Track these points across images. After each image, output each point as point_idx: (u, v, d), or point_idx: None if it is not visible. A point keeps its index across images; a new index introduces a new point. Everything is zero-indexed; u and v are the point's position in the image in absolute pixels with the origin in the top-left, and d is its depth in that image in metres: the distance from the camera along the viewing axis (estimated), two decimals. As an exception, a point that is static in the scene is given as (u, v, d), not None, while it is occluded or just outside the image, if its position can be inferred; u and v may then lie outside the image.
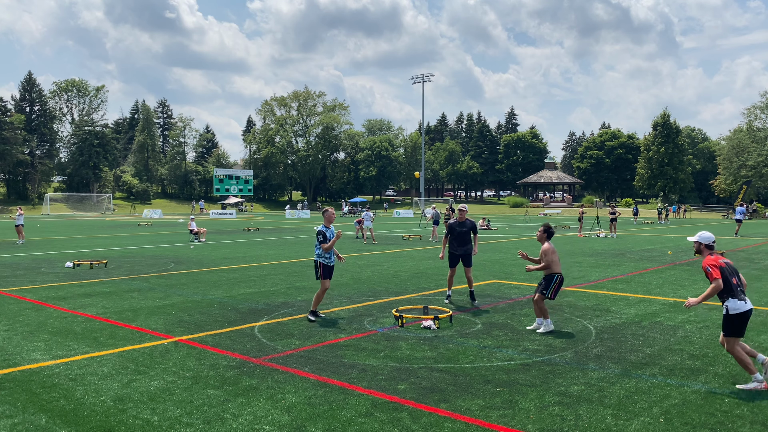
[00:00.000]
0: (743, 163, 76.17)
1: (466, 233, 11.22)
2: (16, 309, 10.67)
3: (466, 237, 11.23)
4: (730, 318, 6.32)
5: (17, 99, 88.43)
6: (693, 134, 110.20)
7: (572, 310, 10.50)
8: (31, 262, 18.39)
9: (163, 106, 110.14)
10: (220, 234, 32.75)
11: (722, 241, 27.07)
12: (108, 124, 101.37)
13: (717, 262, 6.43)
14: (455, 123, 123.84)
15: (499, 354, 7.68)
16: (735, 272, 6.45)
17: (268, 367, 7.10)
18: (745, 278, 6.72)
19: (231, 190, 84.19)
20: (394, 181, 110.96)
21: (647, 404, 5.88)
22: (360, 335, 8.67)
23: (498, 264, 17.76)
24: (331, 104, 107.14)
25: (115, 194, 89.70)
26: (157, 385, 6.40)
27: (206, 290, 12.79)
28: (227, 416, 5.56)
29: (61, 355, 7.64)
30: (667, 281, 14.12)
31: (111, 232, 35.20)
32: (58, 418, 5.50)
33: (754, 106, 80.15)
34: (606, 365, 7.19)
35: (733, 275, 6.39)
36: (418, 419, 5.48)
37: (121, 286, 13.29)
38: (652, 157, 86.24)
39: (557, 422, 5.42)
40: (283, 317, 9.94)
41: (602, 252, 21.53)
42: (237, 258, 19.48)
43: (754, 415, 5.62)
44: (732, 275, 6.37)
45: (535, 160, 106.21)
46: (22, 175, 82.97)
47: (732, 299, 6.29)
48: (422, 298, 11.74)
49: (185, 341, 8.35)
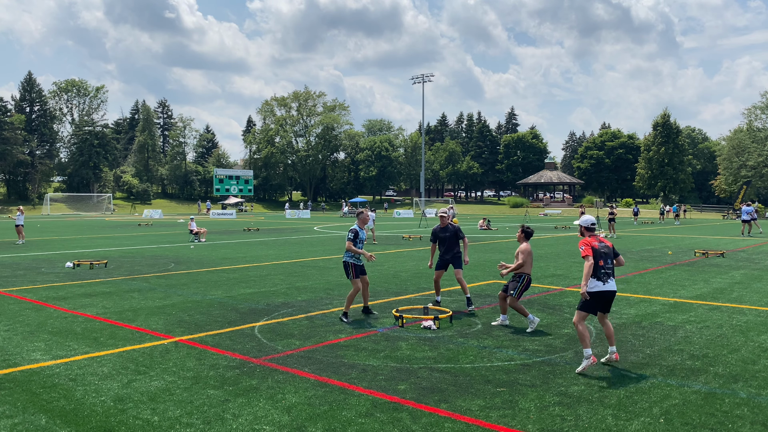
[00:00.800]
0: (743, 163, 76.22)
1: (450, 238, 10.73)
2: (16, 309, 10.67)
3: (452, 241, 10.74)
4: (584, 297, 6.95)
5: (17, 99, 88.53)
6: (693, 134, 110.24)
7: (573, 311, 10.50)
8: (32, 262, 18.39)
9: (163, 106, 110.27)
10: (220, 234, 32.75)
11: (723, 241, 27.08)
12: (108, 124, 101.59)
13: (589, 242, 7.06)
14: (455, 123, 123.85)
15: (499, 354, 7.68)
16: (607, 256, 7.04)
17: (268, 367, 7.10)
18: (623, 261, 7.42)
19: (231, 191, 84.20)
20: (394, 182, 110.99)
21: (647, 404, 5.88)
22: (360, 335, 8.67)
23: (498, 264, 17.74)
24: (331, 104, 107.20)
25: (115, 194, 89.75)
26: (157, 385, 6.40)
27: (206, 290, 12.79)
28: (227, 416, 5.55)
29: (61, 355, 7.64)
30: (667, 281, 14.11)
31: (111, 232, 35.20)
32: (58, 418, 5.50)
33: (754, 106, 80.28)
34: (606, 365, 7.19)
35: (602, 258, 6.97)
36: (418, 419, 5.48)
37: (122, 287, 13.29)
38: (653, 158, 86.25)
39: (557, 422, 5.42)
40: (283, 317, 9.94)
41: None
42: (237, 258, 19.48)
43: (754, 415, 5.62)
44: (601, 258, 6.96)
45: (535, 160, 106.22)
46: (22, 175, 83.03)
47: (593, 279, 6.96)
48: (422, 298, 11.74)
49: (185, 341, 8.35)
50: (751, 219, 32.58)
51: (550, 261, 18.61)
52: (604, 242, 7.17)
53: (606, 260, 7.00)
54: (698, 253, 20.43)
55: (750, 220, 32.47)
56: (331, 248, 23.15)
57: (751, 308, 10.84)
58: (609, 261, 7.03)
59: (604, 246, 7.11)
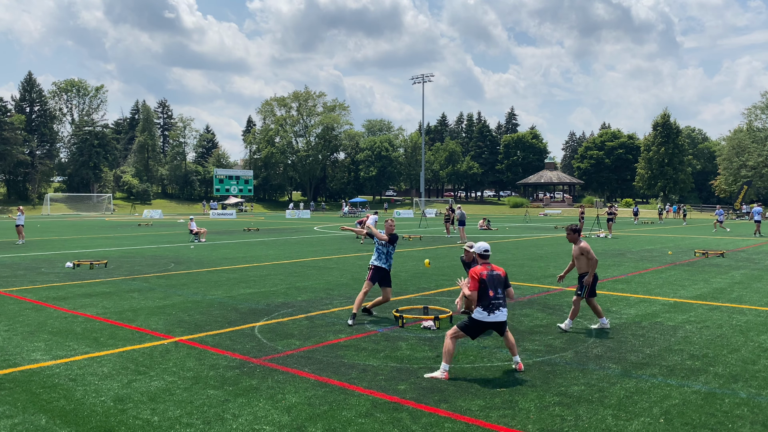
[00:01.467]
0: (743, 163, 76.20)
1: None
2: (16, 309, 10.67)
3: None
4: (471, 319, 6.84)
5: (17, 99, 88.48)
6: (693, 134, 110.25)
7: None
8: (31, 262, 18.39)
9: (163, 107, 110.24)
10: (220, 234, 32.75)
11: (723, 241, 27.09)
12: (108, 124, 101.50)
13: (478, 273, 6.82)
14: (455, 123, 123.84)
15: (499, 354, 7.68)
16: (497, 285, 6.80)
17: (268, 367, 7.10)
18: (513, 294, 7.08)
19: (231, 191, 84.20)
20: (394, 182, 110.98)
21: (647, 404, 5.88)
22: (360, 335, 8.67)
23: (498, 264, 17.74)
24: (331, 104, 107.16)
25: (115, 194, 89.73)
26: (157, 386, 6.40)
27: (206, 290, 12.79)
28: (227, 416, 5.55)
29: (61, 355, 7.64)
30: (667, 281, 14.11)
31: (111, 232, 35.20)
32: (58, 418, 5.50)
33: (754, 106, 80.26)
34: (606, 365, 7.19)
35: (491, 288, 6.74)
36: (418, 419, 5.48)
37: (122, 287, 13.29)
38: (652, 158, 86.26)
39: (557, 422, 5.42)
40: (283, 317, 9.94)
41: (602, 252, 21.52)
42: (237, 258, 19.48)
43: (754, 415, 5.62)
44: (492, 288, 6.74)
45: (535, 160, 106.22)
46: (23, 175, 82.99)
47: (479, 308, 6.76)
48: (422, 299, 11.74)
49: (185, 341, 8.35)
50: (757, 221, 32.82)
51: (550, 261, 18.60)
52: (497, 271, 6.91)
53: (496, 290, 6.74)
54: (698, 253, 20.43)
55: (758, 221, 32.78)
56: (331, 248, 23.15)
57: (751, 308, 10.84)
58: (500, 291, 6.77)
59: (496, 275, 6.84)
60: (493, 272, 6.86)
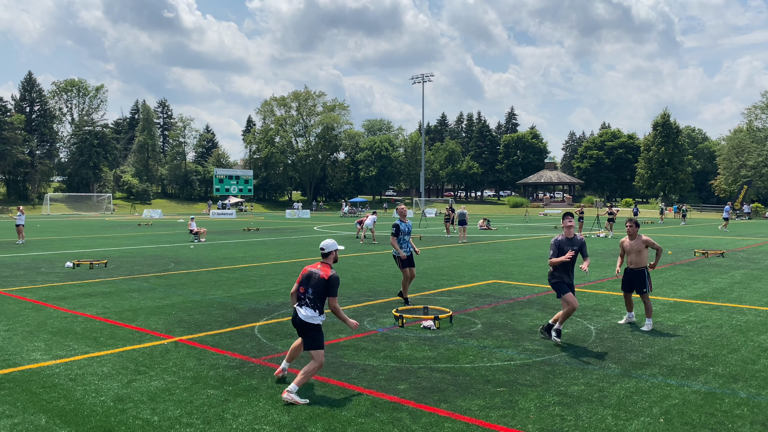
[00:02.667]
0: (743, 163, 76.19)
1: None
2: (16, 309, 10.67)
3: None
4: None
5: (17, 99, 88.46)
6: (693, 134, 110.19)
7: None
8: (31, 262, 18.39)
9: (163, 106, 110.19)
10: (220, 234, 32.75)
11: (723, 241, 27.08)
12: (108, 124, 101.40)
13: (306, 269, 6.51)
14: (455, 123, 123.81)
15: (499, 354, 7.68)
16: (309, 285, 6.36)
17: (268, 367, 7.10)
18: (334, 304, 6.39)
19: (231, 190, 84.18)
20: (394, 181, 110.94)
21: (647, 404, 5.88)
22: (360, 335, 8.67)
23: (498, 264, 17.76)
24: (331, 104, 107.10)
25: (115, 194, 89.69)
26: (157, 385, 6.40)
27: (206, 290, 12.79)
28: (227, 416, 5.56)
29: (61, 355, 7.64)
30: (667, 281, 14.11)
31: (111, 232, 35.20)
32: (58, 418, 5.50)
33: (754, 106, 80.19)
34: (606, 365, 7.19)
35: (303, 285, 6.38)
36: (418, 419, 5.48)
37: (121, 286, 13.29)
38: (652, 157, 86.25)
39: (557, 422, 5.42)
40: (283, 317, 9.94)
41: (602, 252, 21.52)
42: (237, 258, 19.48)
43: (754, 415, 5.62)
44: (302, 285, 6.38)
45: (535, 160, 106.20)
46: (22, 175, 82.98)
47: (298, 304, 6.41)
48: (422, 298, 11.74)
49: (185, 341, 8.35)
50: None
51: (550, 261, 18.59)
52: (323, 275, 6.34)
53: (307, 288, 6.34)
54: (698, 253, 20.43)
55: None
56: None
57: (751, 308, 10.84)
58: (309, 290, 6.31)
59: (316, 276, 6.35)
60: (316, 272, 6.40)
